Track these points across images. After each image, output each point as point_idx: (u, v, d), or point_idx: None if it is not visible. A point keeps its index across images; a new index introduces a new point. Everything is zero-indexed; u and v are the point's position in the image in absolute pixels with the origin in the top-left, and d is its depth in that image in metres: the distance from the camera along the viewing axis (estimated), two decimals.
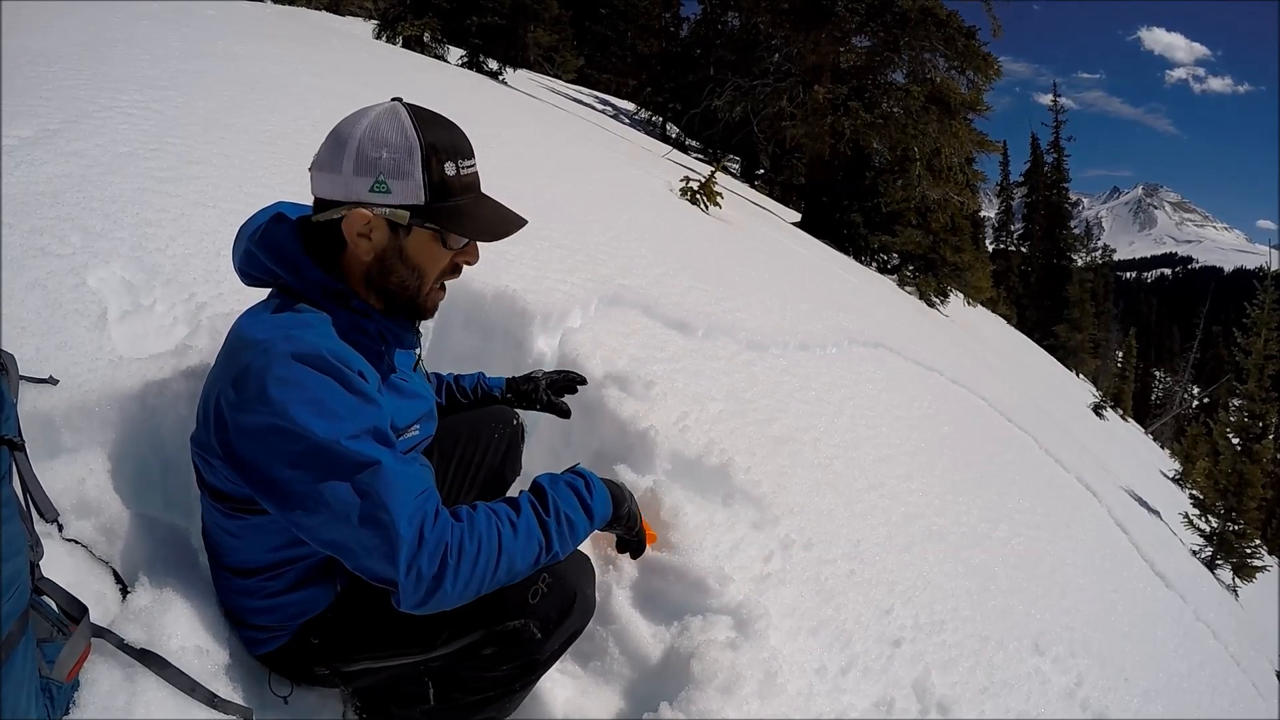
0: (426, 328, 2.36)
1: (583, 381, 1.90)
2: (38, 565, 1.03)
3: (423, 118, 1.14)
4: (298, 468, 1.03)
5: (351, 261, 1.19)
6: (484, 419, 1.76)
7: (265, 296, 1.24)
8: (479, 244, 1.23)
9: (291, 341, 1.06)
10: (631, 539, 1.58)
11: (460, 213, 1.16)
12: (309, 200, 1.22)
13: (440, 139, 1.14)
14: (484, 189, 1.24)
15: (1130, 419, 21.46)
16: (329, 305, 1.17)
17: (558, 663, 1.39)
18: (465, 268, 1.26)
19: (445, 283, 1.26)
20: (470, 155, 1.19)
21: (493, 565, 1.08)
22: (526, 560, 1.13)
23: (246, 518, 1.17)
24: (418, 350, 1.40)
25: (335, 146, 1.13)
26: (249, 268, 1.22)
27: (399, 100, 1.17)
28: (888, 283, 10.96)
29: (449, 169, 1.15)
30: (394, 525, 1.01)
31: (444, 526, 1.05)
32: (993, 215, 33.49)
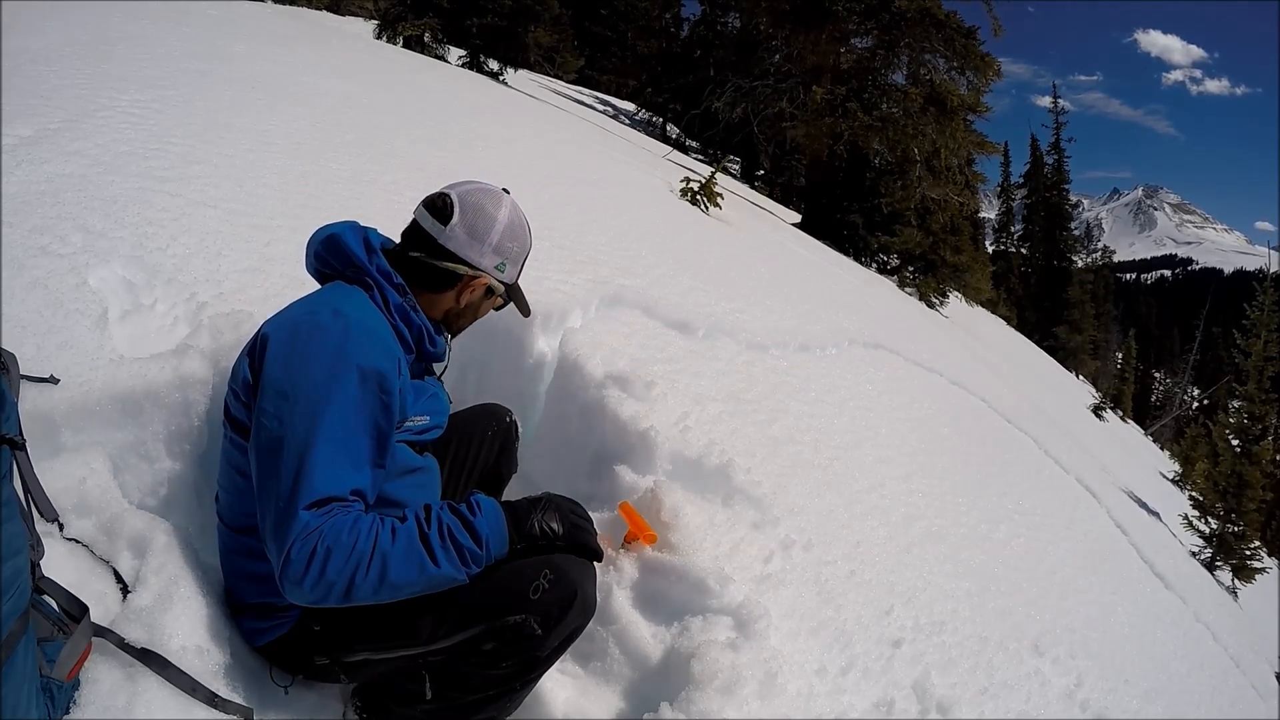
0: None
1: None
2: (38, 564, 1.03)
3: (528, 223, 1.51)
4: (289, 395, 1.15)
5: (440, 300, 1.42)
6: (476, 417, 1.77)
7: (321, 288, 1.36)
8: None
9: (360, 346, 1.19)
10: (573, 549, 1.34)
11: (520, 292, 1.56)
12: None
13: (531, 246, 1.52)
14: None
15: (1130, 420, 21.46)
16: (390, 290, 1.32)
17: (558, 663, 1.39)
18: None
19: None
20: None
21: (364, 564, 1.09)
22: (408, 567, 1.12)
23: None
24: (445, 362, 1.49)
25: (479, 222, 1.41)
26: (326, 252, 1.35)
27: (508, 193, 1.48)
28: (888, 283, 10.96)
29: (524, 265, 1.53)
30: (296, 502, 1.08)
31: (324, 519, 1.09)
32: (993, 216, 33.51)
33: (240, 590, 1.28)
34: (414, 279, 1.39)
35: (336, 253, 1.34)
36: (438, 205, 1.40)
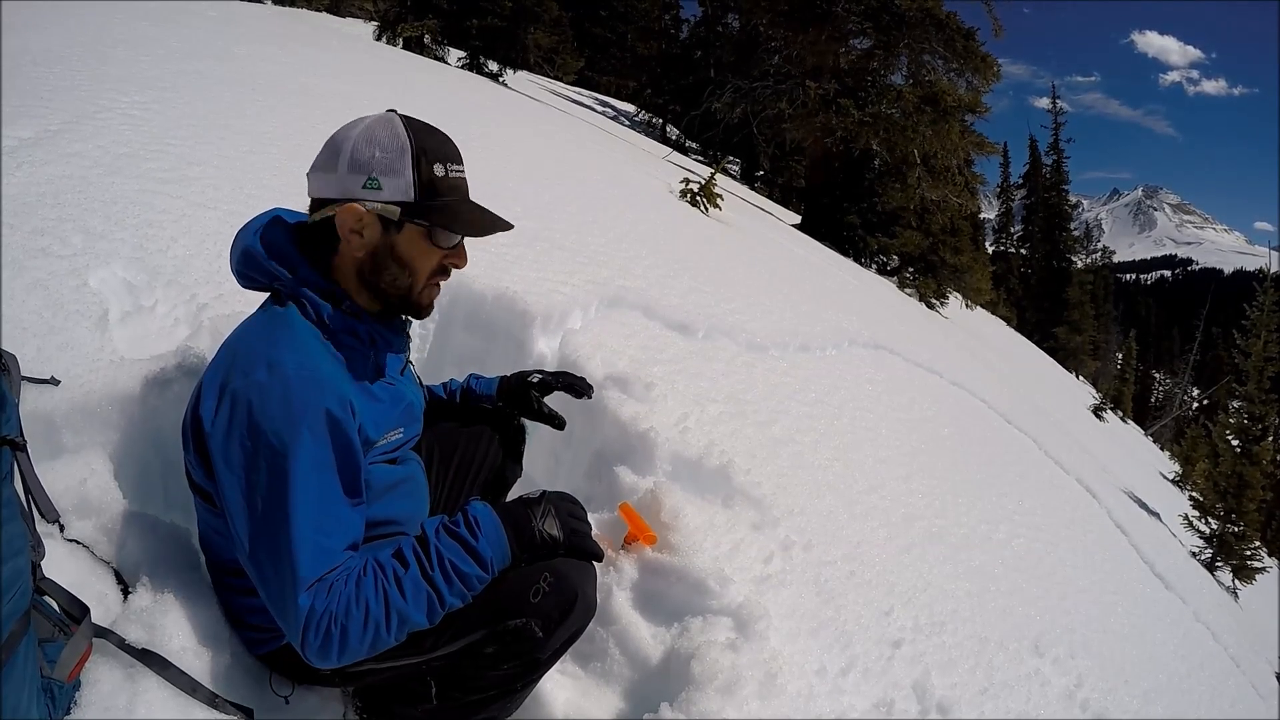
0: (427, 329, 2.38)
1: (585, 390, 1.77)
2: (39, 565, 1.03)
3: (414, 125, 1.20)
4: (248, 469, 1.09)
5: (344, 260, 1.22)
6: (484, 419, 1.76)
7: (261, 304, 1.25)
8: (467, 248, 1.27)
9: (305, 400, 1.09)
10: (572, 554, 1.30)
11: (449, 211, 1.20)
12: (305, 205, 1.25)
13: (429, 143, 1.19)
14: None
15: (1130, 421, 21.46)
16: (323, 304, 1.19)
17: (558, 663, 1.38)
18: (456, 270, 1.29)
19: (439, 282, 1.28)
20: (459, 161, 1.23)
21: (383, 625, 1.09)
22: (420, 613, 1.12)
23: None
24: (406, 353, 1.41)
25: (331, 149, 1.18)
26: (247, 269, 1.23)
27: (393, 110, 1.22)
28: (888, 284, 10.96)
29: (438, 170, 1.19)
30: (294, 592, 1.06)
31: (328, 599, 1.07)
32: (992, 217, 33.55)
33: (238, 612, 1.27)
34: (317, 251, 1.21)
35: (258, 269, 1.21)
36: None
